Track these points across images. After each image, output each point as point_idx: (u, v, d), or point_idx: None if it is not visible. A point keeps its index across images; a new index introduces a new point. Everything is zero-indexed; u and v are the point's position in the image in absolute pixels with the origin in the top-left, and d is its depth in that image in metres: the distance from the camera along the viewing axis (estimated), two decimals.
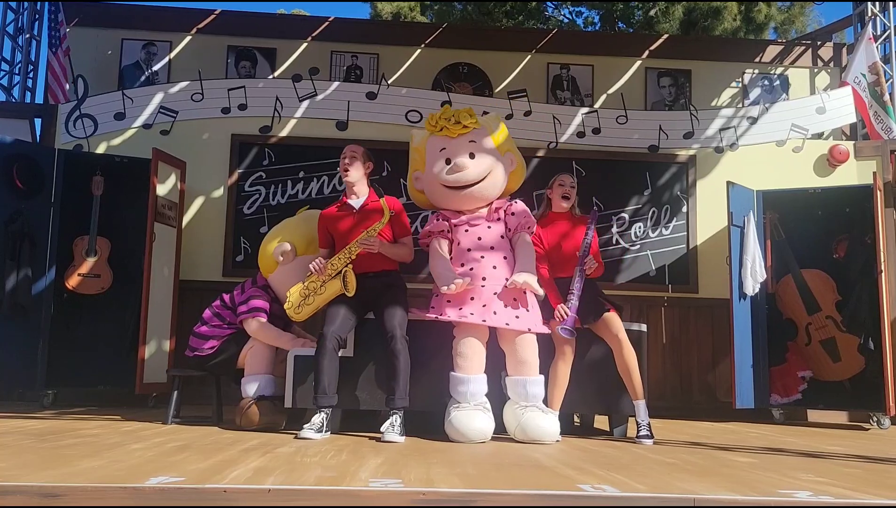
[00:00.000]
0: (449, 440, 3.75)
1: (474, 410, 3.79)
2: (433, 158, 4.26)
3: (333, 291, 4.06)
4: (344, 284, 4.04)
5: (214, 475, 2.48)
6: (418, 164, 4.37)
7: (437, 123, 4.28)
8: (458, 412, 3.78)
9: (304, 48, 6.89)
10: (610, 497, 2.26)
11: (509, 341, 3.93)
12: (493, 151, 4.27)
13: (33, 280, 5.44)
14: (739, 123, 6.38)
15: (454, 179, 4.16)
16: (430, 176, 4.27)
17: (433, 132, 4.29)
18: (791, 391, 5.61)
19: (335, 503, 2.20)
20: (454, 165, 4.16)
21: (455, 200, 4.21)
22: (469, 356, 3.87)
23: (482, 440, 3.73)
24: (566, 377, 4.06)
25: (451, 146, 4.23)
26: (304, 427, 3.75)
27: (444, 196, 4.25)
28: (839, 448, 3.92)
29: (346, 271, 4.06)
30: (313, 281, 4.10)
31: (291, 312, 4.09)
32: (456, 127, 4.23)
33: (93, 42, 6.75)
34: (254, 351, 4.38)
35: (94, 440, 3.43)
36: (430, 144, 4.30)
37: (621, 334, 4.07)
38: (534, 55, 7.04)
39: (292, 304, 4.09)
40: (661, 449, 3.67)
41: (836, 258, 5.68)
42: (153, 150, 5.60)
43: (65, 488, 2.18)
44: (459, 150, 4.21)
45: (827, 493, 2.38)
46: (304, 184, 6.15)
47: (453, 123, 4.24)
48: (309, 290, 4.09)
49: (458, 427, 3.74)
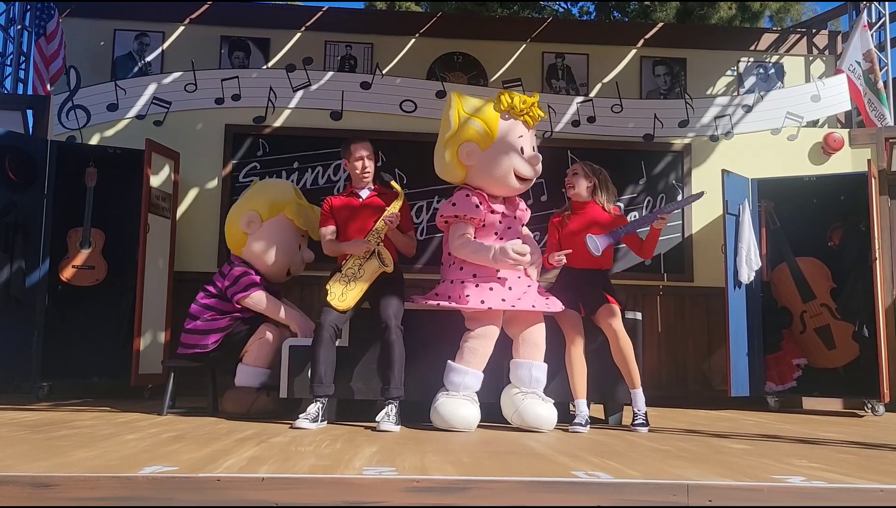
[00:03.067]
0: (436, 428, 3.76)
1: (462, 399, 3.80)
2: (510, 142, 4.03)
3: (373, 270, 4.05)
4: (381, 261, 4.05)
5: (208, 464, 2.47)
6: (479, 137, 4.01)
7: (522, 109, 4.06)
8: (446, 398, 3.79)
9: (297, 38, 6.85)
10: (604, 483, 2.27)
11: (522, 325, 3.93)
12: None
13: (27, 272, 5.43)
14: (734, 112, 6.36)
15: (533, 174, 4.14)
16: (500, 158, 4.00)
17: (513, 115, 4.06)
18: (786, 378, 5.62)
19: (329, 491, 2.20)
20: (534, 157, 4.09)
21: (510, 188, 4.12)
22: (480, 353, 3.87)
23: (466, 429, 3.72)
24: (582, 362, 4.06)
25: (528, 137, 4.14)
26: (300, 417, 3.75)
27: (502, 182, 4.06)
28: (833, 435, 3.93)
29: (379, 250, 4.08)
30: (350, 267, 4.07)
31: (336, 302, 3.96)
32: (536, 119, 4.16)
33: (85, 33, 6.71)
34: (262, 343, 4.39)
35: (89, 432, 3.43)
36: (506, 126, 4.04)
37: (616, 323, 4.08)
38: (529, 44, 7.01)
39: (335, 294, 3.98)
40: (655, 437, 3.68)
41: (830, 246, 5.68)
42: (146, 141, 5.57)
43: (58, 478, 2.18)
44: (532, 141, 4.17)
45: (820, 478, 2.39)
46: (299, 174, 6.12)
47: (535, 114, 4.13)
48: (348, 277, 4.04)
49: (442, 414, 3.74)
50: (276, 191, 4.74)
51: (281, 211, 4.57)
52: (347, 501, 2.17)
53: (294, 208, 4.63)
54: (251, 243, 4.52)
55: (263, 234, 4.52)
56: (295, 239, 4.65)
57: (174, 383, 4.49)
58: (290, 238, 4.60)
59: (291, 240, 4.62)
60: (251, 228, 4.51)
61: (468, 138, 4.03)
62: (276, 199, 4.62)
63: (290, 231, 4.60)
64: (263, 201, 4.60)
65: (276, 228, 4.55)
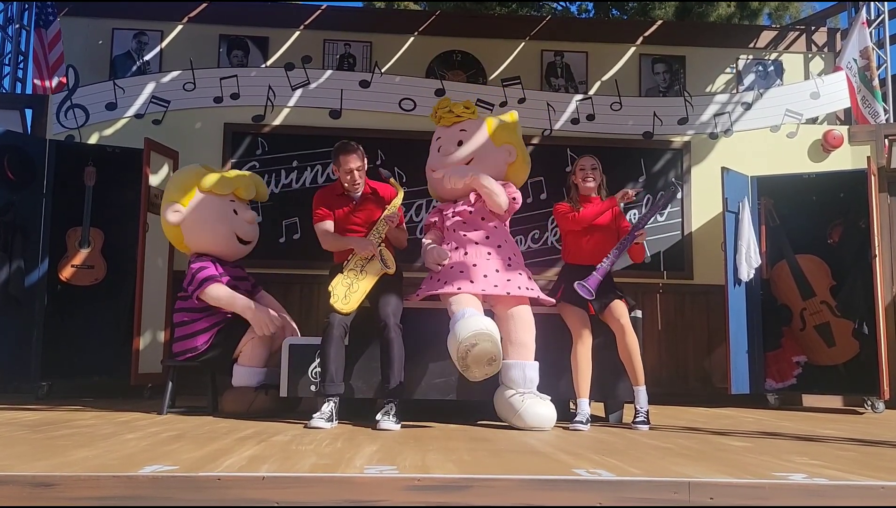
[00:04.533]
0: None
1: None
2: (433, 148, 4.42)
3: (375, 272, 4.04)
4: (383, 262, 4.04)
5: (208, 463, 2.47)
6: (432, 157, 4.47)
7: (435, 114, 4.42)
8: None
9: (296, 37, 6.85)
10: (605, 481, 2.26)
11: (506, 319, 3.92)
12: (483, 140, 4.29)
13: (26, 272, 5.42)
14: (734, 109, 6.35)
15: (439, 165, 4.27)
16: (429, 167, 4.40)
17: (434, 122, 4.44)
18: (786, 376, 5.61)
19: (329, 490, 2.19)
20: (446, 152, 4.29)
21: (448, 187, 4.22)
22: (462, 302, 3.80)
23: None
24: (588, 360, 4.04)
25: (444, 136, 4.37)
26: (314, 417, 3.73)
27: (440, 185, 4.31)
28: (834, 432, 3.93)
29: (381, 251, 4.08)
30: (352, 270, 4.04)
31: (340, 304, 3.91)
32: (449, 116, 4.34)
33: (83, 32, 6.71)
34: (254, 342, 4.38)
35: (89, 431, 3.42)
36: (434, 136, 4.47)
37: (624, 319, 4.08)
38: (528, 42, 7.01)
39: (338, 297, 3.93)
40: (656, 435, 3.68)
41: (830, 243, 5.67)
42: (145, 140, 5.56)
43: (58, 477, 2.17)
44: (451, 139, 4.33)
45: (822, 475, 2.38)
46: (298, 173, 6.12)
47: (447, 112, 4.35)
48: (350, 278, 4.01)
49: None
50: (181, 175, 4.75)
51: (193, 188, 4.56)
52: (348, 500, 2.17)
53: (205, 180, 4.58)
54: (186, 231, 4.53)
55: (191, 217, 4.51)
56: (224, 206, 4.59)
57: (174, 382, 4.48)
58: (217, 208, 4.56)
59: (220, 209, 4.57)
60: (177, 217, 4.51)
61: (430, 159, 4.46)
62: (184, 180, 4.62)
63: (214, 201, 4.56)
64: (175, 189, 4.61)
65: (199, 205, 4.54)
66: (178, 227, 4.53)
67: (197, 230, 4.53)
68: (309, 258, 5.49)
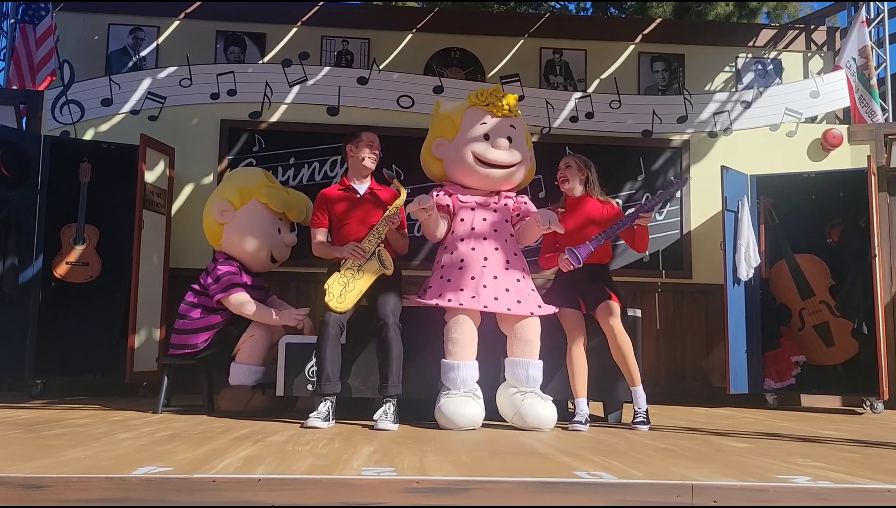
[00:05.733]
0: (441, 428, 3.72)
1: (464, 397, 3.76)
2: (470, 129, 4.19)
3: (372, 272, 3.98)
4: (381, 263, 3.98)
5: (203, 464, 2.43)
6: (447, 130, 4.25)
7: (484, 98, 4.23)
8: (448, 398, 3.75)
9: (294, 33, 6.81)
10: (607, 483, 2.23)
11: (512, 322, 3.89)
12: (524, 143, 4.30)
13: (20, 269, 5.36)
14: (733, 108, 6.32)
15: (496, 157, 4.14)
16: (461, 145, 4.17)
17: (477, 105, 4.23)
18: (785, 376, 5.59)
19: (326, 492, 2.16)
20: (497, 143, 4.15)
21: (480, 177, 4.16)
22: (461, 342, 3.83)
23: (471, 427, 3.69)
24: (583, 361, 4.02)
25: (492, 124, 4.21)
26: (311, 416, 3.69)
27: (470, 170, 4.17)
28: (834, 433, 3.91)
29: (379, 251, 4.01)
30: (349, 268, 3.99)
31: (335, 303, 3.87)
32: (504, 107, 4.23)
33: (79, 27, 6.66)
34: (253, 341, 4.35)
35: (82, 430, 3.38)
36: (470, 116, 4.23)
37: (614, 320, 4.04)
38: (526, 40, 6.98)
39: (333, 295, 3.89)
40: (656, 435, 3.65)
41: (829, 243, 5.65)
42: (141, 136, 5.51)
43: (49, 479, 2.13)
44: (501, 130, 4.21)
45: (826, 478, 2.35)
46: (295, 170, 6.07)
47: (501, 103, 4.23)
48: (346, 278, 3.96)
49: (446, 414, 3.70)
50: (244, 177, 4.72)
51: (252, 197, 4.54)
52: (346, 502, 2.14)
53: (265, 191, 4.58)
54: (227, 233, 4.50)
55: (238, 222, 4.49)
56: (272, 223, 4.60)
57: (169, 380, 4.44)
58: (266, 223, 4.56)
59: (268, 224, 4.57)
60: (225, 217, 4.49)
61: (439, 134, 4.28)
62: (246, 185, 4.59)
63: (265, 215, 4.56)
64: (233, 189, 4.58)
65: (250, 214, 4.52)
66: (220, 226, 4.49)
67: (238, 236, 4.49)
68: (306, 256, 5.41)
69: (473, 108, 4.24)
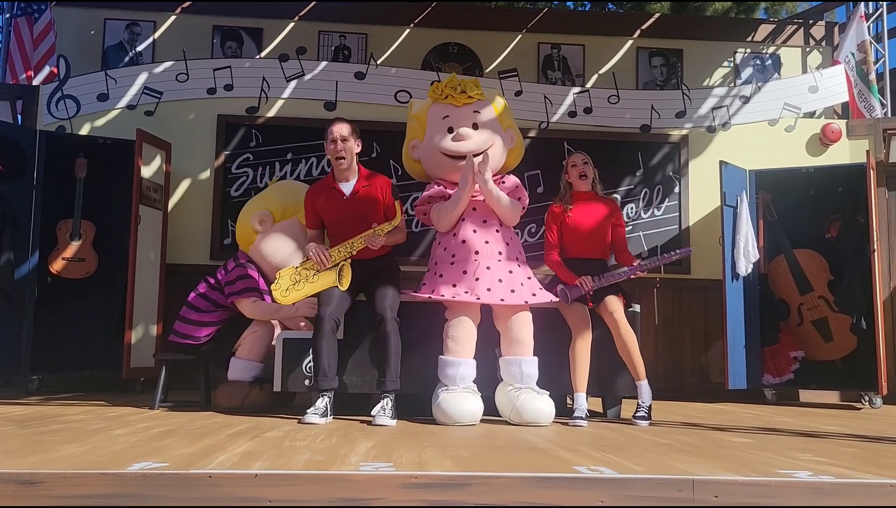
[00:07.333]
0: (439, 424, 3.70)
1: (463, 392, 3.74)
2: (435, 126, 4.22)
3: (326, 282, 3.90)
4: (339, 277, 3.89)
5: (200, 460, 2.41)
6: (417, 132, 4.29)
7: (441, 91, 4.23)
8: (447, 394, 3.73)
9: (291, 28, 6.77)
10: (607, 479, 2.21)
11: (504, 319, 3.88)
12: (494, 124, 4.25)
13: (16, 265, 5.33)
14: (732, 103, 6.31)
15: (456, 148, 4.11)
16: (430, 144, 4.22)
17: (437, 99, 4.26)
18: (783, 371, 5.58)
19: (324, 487, 2.13)
20: (457, 134, 4.14)
21: (454, 170, 4.11)
22: (460, 340, 3.82)
23: (471, 422, 3.68)
24: (586, 355, 4.00)
25: (454, 115, 4.19)
26: (308, 412, 3.66)
27: (444, 165, 4.18)
28: (834, 428, 3.90)
29: (343, 265, 3.92)
30: (307, 268, 3.93)
31: (278, 295, 3.89)
32: (461, 96, 4.20)
33: (75, 22, 6.61)
34: (256, 336, 4.33)
35: (78, 426, 3.36)
36: (433, 112, 4.25)
37: (618, 314, 4.04)
38: (524, 35, 6.95)
39: (280, 287, 3.90)
40: (656, 431, 3.63)
41: (828, 238, 5.64)
42: (137, 131, 5.48)
43: (43, 475, 2.11)
44: (463, 119, 4.18)
45: (827, 472, 2.34)
46: (293, 165, 6.04)
47: (458, 92, 4.20)
48: (300, 276, 3.91)
49: (445, 410, 3.68)
50: (291, 193, 4.64)
51: (294, 214, 4.49)
52: (343, 498, 2.11)
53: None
54: (260, 241, 4.46)
55: (273, 235, 4.46)
56: (303, 243, 4.55)
57: (166, 376, 4.42)
58: (299, 242, 4.48)
59: (300, 244, 4.49)
60: (262, 226, 4.46)
61: (412, 136, 4.34)
62: (291, 201, 4.52)
63: (300, 236, 4.48)
64: (277, 202, 4.55)
65: (288, 230, 4.49)
66: (255, 233, 4.46)
67: (270, 249, 4.44)
68: None
69: (435, 103, 4.25)
